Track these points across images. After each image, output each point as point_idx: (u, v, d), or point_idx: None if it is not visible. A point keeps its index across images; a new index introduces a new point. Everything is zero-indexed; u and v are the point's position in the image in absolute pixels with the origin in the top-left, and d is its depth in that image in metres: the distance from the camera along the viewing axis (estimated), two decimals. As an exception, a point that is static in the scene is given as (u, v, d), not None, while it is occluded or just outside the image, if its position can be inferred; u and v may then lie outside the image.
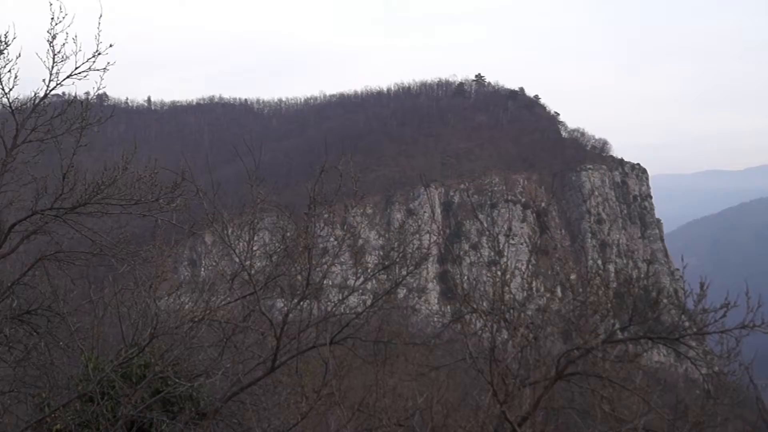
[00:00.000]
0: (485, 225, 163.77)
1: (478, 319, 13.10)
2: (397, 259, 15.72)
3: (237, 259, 14.47)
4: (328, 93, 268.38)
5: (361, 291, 16.83)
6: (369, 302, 15.35)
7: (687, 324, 12.30)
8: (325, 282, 15.63)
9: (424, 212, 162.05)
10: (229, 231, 14.50)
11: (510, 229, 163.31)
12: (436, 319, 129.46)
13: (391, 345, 14.83)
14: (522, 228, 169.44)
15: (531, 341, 12.51)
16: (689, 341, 12.31)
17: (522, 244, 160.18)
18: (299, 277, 14.32)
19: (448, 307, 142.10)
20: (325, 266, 15.20)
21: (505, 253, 15.50)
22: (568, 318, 12.82)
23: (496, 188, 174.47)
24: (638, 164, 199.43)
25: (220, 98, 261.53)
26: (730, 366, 12.31)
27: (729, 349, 11.79)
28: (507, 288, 12.71)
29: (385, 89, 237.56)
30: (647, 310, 12.24)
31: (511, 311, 12.88)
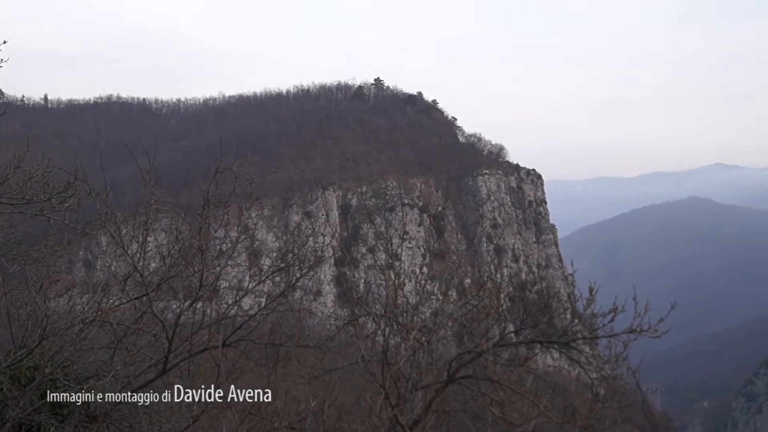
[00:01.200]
0: (381, 228, 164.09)
1: (371, 322, 13.18)
2: (292, 261, 15.72)
3: (130, 260, 14.32)
4: (227, 94, 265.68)
5: (257, 293, 16.81)
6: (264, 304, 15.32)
7: (577, 328, 12.55)
8: (220, 284, 15.57)
9: (322, 215, 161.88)
10: (123, 232, 14.34)
11: (406, 232, 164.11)
12: (332, 322, 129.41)
13: (284, 347, 14.84)
14: (418, 232, 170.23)
15: (423, 345, 12.63)
16: (582, 345, 12.53)
17: (418, 248, 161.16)
18: (193, 279, 14.24)
19: (345, 310, 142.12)
20: (218, 268, 15.14)
21: (401, 257, 15.64)
22: (460, 322, 12.97)
23: (393, 192, 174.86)
24: (534, 170, 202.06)
25: (118, 97, 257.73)
26: (619, 370, 12.59)
27: (617, 354, 12.05)
28: (400, 291, 12.82)
29: (284, 91, 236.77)
30: (538, 314, 12.45)
31: (405, 314, 12.98)
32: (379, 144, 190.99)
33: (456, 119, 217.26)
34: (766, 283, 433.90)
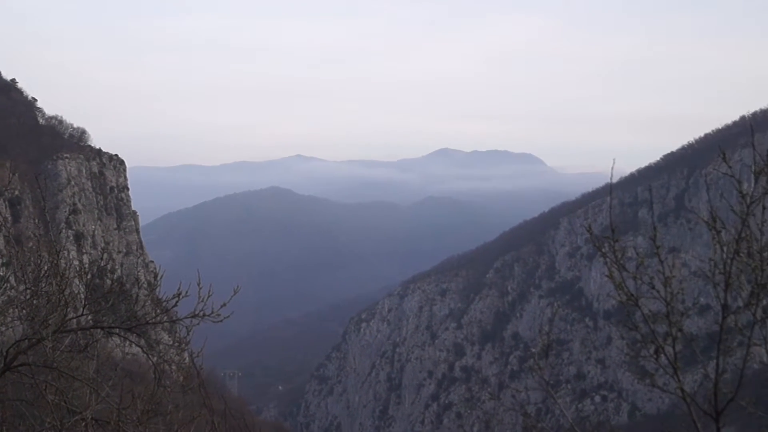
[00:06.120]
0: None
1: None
2: None
3: None
4: None
5: None
6: None
7: (144, 313, 12.65)
8: None
9: None
10: None
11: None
12: None
13: None
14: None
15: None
16: (159, 331, 12.65)
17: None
18: None
19: None
20: None
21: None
22: (22, 308, 12.68)
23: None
24: (116, 155, 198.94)
25: None
26: (184, 354, 12.84)
27: (180, 338, 12.29)
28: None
29: None
30: (103, 299, 12.43)
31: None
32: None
33: (36, 100, 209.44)
34: (339, 271, 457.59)
